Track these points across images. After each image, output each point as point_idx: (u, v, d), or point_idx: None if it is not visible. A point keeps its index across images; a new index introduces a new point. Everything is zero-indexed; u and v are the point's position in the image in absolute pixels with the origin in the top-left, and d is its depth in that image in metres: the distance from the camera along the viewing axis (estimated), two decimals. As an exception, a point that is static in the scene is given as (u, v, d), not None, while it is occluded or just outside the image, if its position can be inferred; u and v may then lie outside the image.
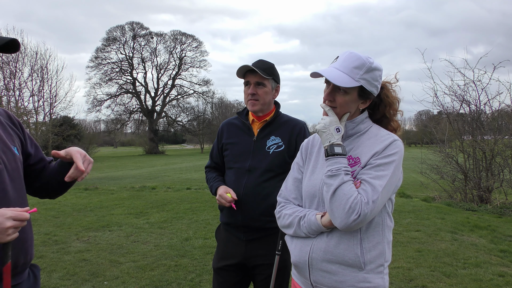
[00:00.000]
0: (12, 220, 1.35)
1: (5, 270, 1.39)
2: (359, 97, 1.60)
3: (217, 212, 7.50)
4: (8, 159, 1.53)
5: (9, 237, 1.35)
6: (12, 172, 1.54)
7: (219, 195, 2.29)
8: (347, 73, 1.54)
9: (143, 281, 4.31)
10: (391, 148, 1.53)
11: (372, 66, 1.56)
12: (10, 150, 1.57)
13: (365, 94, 1.60)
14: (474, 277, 4.36)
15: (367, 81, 1.56)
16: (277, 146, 2.35)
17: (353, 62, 1.55)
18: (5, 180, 1.48)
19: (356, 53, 1.58)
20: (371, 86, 1.57)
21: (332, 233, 1.54)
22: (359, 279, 1.51)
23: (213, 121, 54.44)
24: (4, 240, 1.34)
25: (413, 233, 6.31)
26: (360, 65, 1.54)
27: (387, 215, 1.60)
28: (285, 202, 1.74)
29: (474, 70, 9.32)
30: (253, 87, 2.34)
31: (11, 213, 1.36)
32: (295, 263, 1.64)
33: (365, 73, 1.54)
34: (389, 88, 1.71)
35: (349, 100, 1.58)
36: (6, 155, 1.53)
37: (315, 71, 1.57)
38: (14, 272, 1.50)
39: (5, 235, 1.34)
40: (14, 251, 1.47)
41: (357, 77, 1.54)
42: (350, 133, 1.64)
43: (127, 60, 51.63)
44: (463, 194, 9.65)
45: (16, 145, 1.63)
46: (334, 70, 1.56)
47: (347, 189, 1.44)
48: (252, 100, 2.35)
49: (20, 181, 1.59)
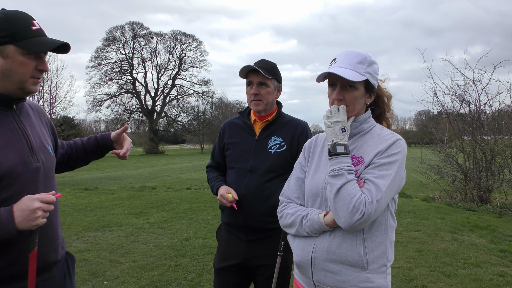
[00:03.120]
0: (39, 202, 1.38)
1: (31, 257, 1.42)
2: (365, 92, 1.63)
3: (217, 212, 7.50)
4: (45, 159, 1.59)
5: (38, 220, 1.37)
6: (47, 172, 1.59)
7: (220, 195, 2.28)
8: (352, 69, 1.57)
9: (143, 281, 4.31)
10: (394, 147, 1.54)
11: (371, 60, 1.62)
12: (47, 149, 1.62)
13: (370, 88, 1.63)
14: (474, 277, 4.36)
15: (371, 74, 1.61)
16: (279, 146, 2.34)
17: (355, 58, 1.59)
18: (39, 179, 1.53)
19: (355, 50, 1.63)
20: (374, 79, 1.63)
21: (334, 232, 1.54)
22: (361, 279, 1.51)
23: (213, 121, 54.45)
24: (33, 223, 1.37)
25: (413, 233, 6.31)
26: (363, 59, 1.59)
27: (390, 215, 1.60)
28: (288, 201, 1.74)
29: (474, 70, 9.34)
30: (255, 87, 2.33)
31: (37, 196, 1.39)
32: (298, 263, 1.64)
33: (367, 67, 1.60)
34: (379, 85, 1.76)
35: (358, 96, 1.61)
36: (44, 154, 1.58)
37: (322, 72, 1.59)
38: (45, 269, 1.56)
39: (34, 217, 1.36)
40: (45, 250, 1.51)
41: (362, 71, 1.58)
42: (353, 132, 1.65)
43: (127, 60, 51.63)
44: (463, 194, 9.66)
45: (50, 144, 1.68)
46: (340, 69, 1.57)
47: (350, 189, 1.44)
48: (256, 101, 2.34)
49: (52, 181, 1.64)
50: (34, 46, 1.44)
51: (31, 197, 1.38)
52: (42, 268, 1.53)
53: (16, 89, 1.48)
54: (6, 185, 1.42)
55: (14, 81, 1.46)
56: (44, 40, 1.48)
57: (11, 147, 1.46)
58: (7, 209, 1.36)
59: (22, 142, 1.50)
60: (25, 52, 1.44)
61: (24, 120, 1.57)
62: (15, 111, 1.54)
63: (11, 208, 1.36)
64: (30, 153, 1.51)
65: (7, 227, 1.33)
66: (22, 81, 1.47)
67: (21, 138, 1.50)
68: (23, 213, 1.34)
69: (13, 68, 1.44)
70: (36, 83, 1.52)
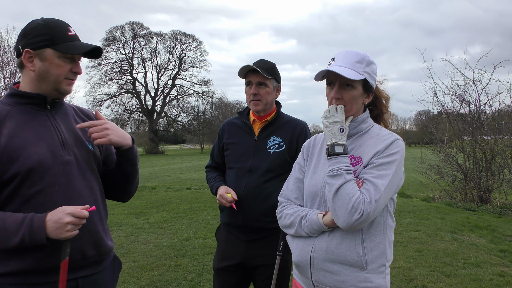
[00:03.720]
0: (71, 216, 1.42)
1: (62, 266, 1.46)
2: (364, 91, 1.64)
3: (217, 212, 7.50)
4: (79, 152, 1.62)
5: (68, 233, 1.43)
6: (83, 164, 1.62)
7: (220, 195, 2.28)
8: (351, 68, 1.58)
9: (143, 281, 4.31)
10: (392, 147, 1.54)
11: (370, 59, 1.63)
12: (83, 143, 1.66)
13: (368, 87, 1.64)
14: (474, 277, 4.36)
15: (369, 74, 1.61)
16: (278, 146, 2.34)
17: (354, 58, 1.60)
18: (73, 171, 1.57)
19: (353, 50, 1.64)
20: (372, 79, 1.63)
21: (333, 232, 1.55)
22: (360, 279, 1.51)
23: (213, 121, 54.42)
24: (63, 235, 1.42)
25: (413, 233, 6.31)
26: (361, 59, 1.60)
27: (389, 214, 1.60)
28: (287, 202, 1.73)
29: (474, 70, 9.34)
30: (255, 87, 2.33)
31: (71, 209, 1.43)
32: (297, 263, 1.64)
33: (366, 66, 1.60)
34: (377, 86, 1.76)
35: (356, 95, 1.61)
36: (78, 148, 1.63)
37: (321, 70, 1.60)
38: (86, 262, 1.59)
39: (64, 230, 1.41)
40: (81, 243, 1.54)
41: (360, 70, 1.58)
42: (352, 133, 1.65)
43: (127, 60, 51.62)
44: (463, 194, 9.66)
45: (91, 142, 1.69)
46: (338, 67, 1.58)
47: (349, 189, 1.45)
48: (255, 101, 2.34)
49: (92, 173, 1.66)
50: (70, 49, 1.55)
51: (65, 209, 1.43)
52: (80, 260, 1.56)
53: (52, 90, 1.58)
54: (37, 178, 1.48)
55: (50, 82, 1.56)
56: (79, 44, 1.59)
57: (41, 141, 1.53)
58: (41, 217, 1.42)
59: (53, 136, 1.57)
60: (61, 55, 1.55)
61: (58, 118, 1.64)
62: (49, 110, 1.62)
63: (45, 216, 1.42)
64: (61, 147, 1.57)
65: (38, 235, 1.40)
66: (58, 82, 1.57)
67: (52, 133, 1.57)
68: (55, 225, 1.41)
69: (50, 70, 1.55)
70: (70, 84, 1.62)
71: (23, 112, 1.56)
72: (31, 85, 1.57)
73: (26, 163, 1.47)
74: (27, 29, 1.55)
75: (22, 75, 1.60)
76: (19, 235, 1.40)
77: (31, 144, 1.50)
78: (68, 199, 1.52)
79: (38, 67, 1.54)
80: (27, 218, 1.42)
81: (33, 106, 1.58)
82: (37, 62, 1.54)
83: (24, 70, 1.57)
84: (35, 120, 1.56)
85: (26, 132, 1.52)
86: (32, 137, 1.52)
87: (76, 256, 1.54)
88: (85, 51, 1.58)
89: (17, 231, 1.40)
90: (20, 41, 1.56)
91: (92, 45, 1.60)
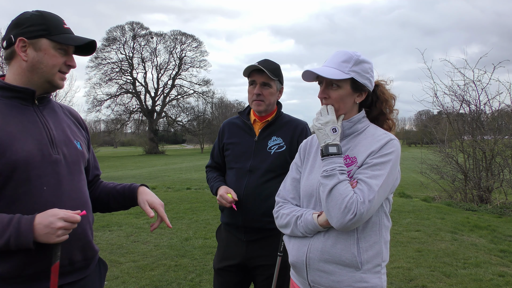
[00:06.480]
0: (63, 221, 1.36)
1: (53, 270, 1.41)
2: (353, 90, 1.63)
3: (217, 212, 7.50)
4: (68, 152, 1.57)
5: (58, 238, 1.36)
6: (72, 165, 1.57)
7: (220, 196, 2.28)
8: (335, 68, 1.59)
9: (143, 281, 4.31)
10: (387, 147, 1.54)
11: (359, 58, 1.61)
12: (72, 143, 1.61)
13: (358, 86, 1.63)
14: (474, 277, 4.36)
15: (358, 73, 1.60)
16: (279, 146, 2.34)
17: (341, 57, 1.61)
18: (61, 171, 1.51)
19: (343, 50, 1.64)
20: (363, 78, 1.61)
21: (329, 233, 1.55)
22: (356, 279, 1.52)
23: (213, 121, 54.43)
24: (52, 240, 1.36)
25: (413, 233, 6.31)
26: (348, 58, 1.60)
27: (384, 214, 1.61)
28: (283, 202, 1.74)
29: (474, 70, 9.34)
30: (259, 87, 2.32)
31: (63, 214, 1.37)
32: (293, 263, 1.65)
33: (353, 65, 1.60)
34: (384, 86, 1.75)
35: (343, 94, 1.61)
36: (67, 147, 1.57)
37: (304, 71, 1.62)
38: (72, 268, 1.53)
39: (54, 235, 1.35)
40: (69, 248, 1.48)
41: (346, 70, 1.58)
42: (347, 133, 1.65)
43: (127, 60, 51.61)
44: (463, 194, 9.65)
45: (79, 140, 1.66)
46: (323, 67, 1.61)
47: (342, 189, 1.45)
48: (257, 101, 2.34)
49: (80, 175, 1.61)
50: (68, 40, 1.52)
51: (56, 214, 1.36)
52: (67, 266, 1.50)
53: (44, 82, 1.53)
54: (24, 177, 1.40)
55: (43, 74, 1.50)
56: (76, 36, 1.56)
57: (29, 137, 1.46)
58: (29, 219, 1.35)
59: (42, 134, 1.50)
60: (57, 46, 1.51)
61: (47, 114, 1.58)
62: (37, 105, 1.55)
63: (33, 219, 1.35)
64: (50, 145, 1.50)
65: (25, 238, 1.32)
66: (51, 74, 1.52)
67: (40, 130, 1.50)
68: (45, 229, 1.34)
69: (44, 61, 1.49)
70: (63, 79, 1.57)
71: (9, 106, 1.47)
72: (21, 76, 1.49)
73: (13, 159, 1.38)
74: (20, 18, 1.49)
75: (10, 67, 1.51)
76: (5, 237, 1.31)
77: (17, 140, 1.42)
78: (56, 201, 1.44)
79: (31, 57, 1.47)
80: (14, 219, 1.33)
81: (19, 100, 1.50)
82: (30, 52, 1.47)
83: (13, 62, 1.50)
84: (22, 115, 1.48)
85: (12, 126, 1.43)
86: (18, 132, 1.44)
87: (63, 261, 1.45)
88: (82, 42, 1.54)
89: (2, 232, 1.31)
90: (12, 30, 1.49)
91: (89, 38, 1.56)
